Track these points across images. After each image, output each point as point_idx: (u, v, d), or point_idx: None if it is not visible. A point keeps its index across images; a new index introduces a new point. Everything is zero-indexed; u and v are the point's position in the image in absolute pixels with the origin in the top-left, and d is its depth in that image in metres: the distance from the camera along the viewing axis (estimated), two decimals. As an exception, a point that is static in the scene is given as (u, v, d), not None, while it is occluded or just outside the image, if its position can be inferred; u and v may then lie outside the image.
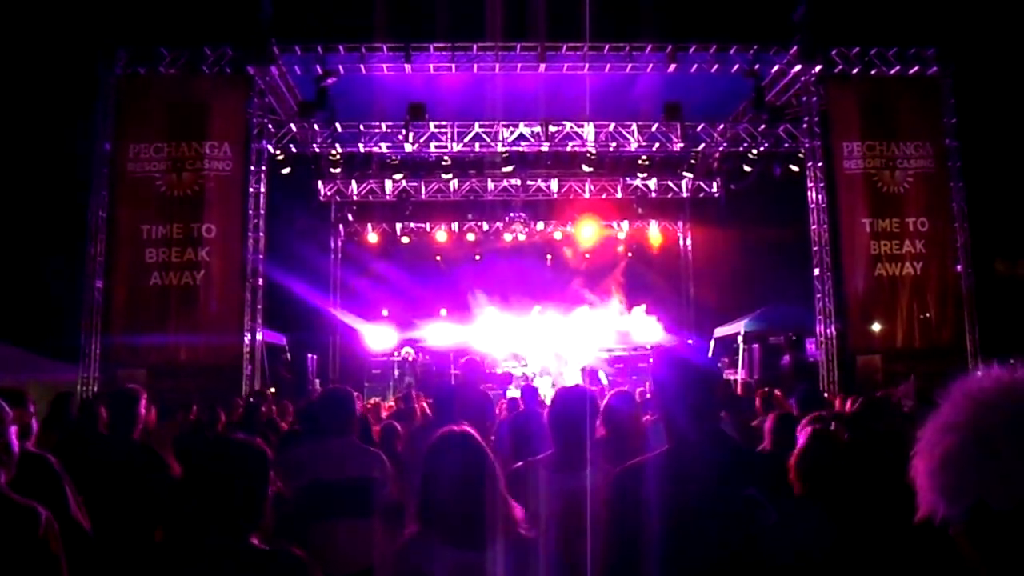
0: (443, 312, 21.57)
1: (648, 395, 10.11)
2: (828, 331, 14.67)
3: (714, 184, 21.04)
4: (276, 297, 16.04)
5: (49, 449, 3.89)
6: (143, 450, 4.74)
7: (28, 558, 2.57)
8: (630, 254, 22.96)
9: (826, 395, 9.42)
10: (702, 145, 17.47)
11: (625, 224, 22.60)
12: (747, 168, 17.13)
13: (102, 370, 13.39)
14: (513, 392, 16.02)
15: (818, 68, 14.90)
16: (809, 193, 15.15)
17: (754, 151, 16.86)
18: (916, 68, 15.10)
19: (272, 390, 13.50)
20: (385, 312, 21.92)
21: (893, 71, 15.11)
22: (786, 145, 16.61)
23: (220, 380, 12.98)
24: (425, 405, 10.59)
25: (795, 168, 16.17)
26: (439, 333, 19.74)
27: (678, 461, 2.55)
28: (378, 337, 19.95)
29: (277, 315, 16.91)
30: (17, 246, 17.45)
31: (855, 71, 15.10)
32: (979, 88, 15.40)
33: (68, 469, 3.67)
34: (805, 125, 15.40)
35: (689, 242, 23.15)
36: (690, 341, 21.30)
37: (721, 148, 17.72)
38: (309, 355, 19.28)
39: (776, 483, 2.79)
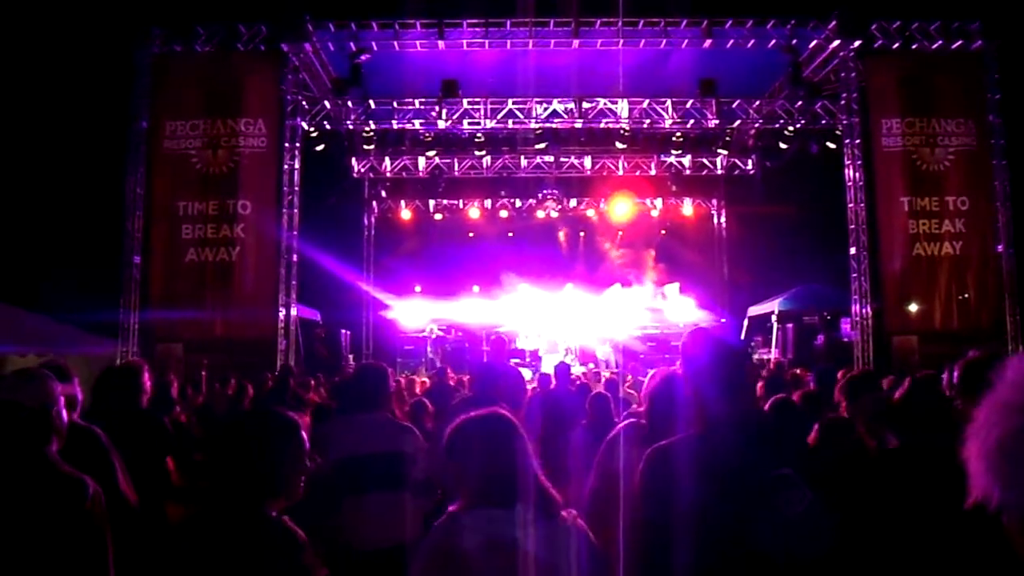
0: (475, 289, 21.65)
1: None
2: (864, 311, 14.49)
3: (749, 161, 20.79)
4: (310, 273, 16.17)
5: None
6: (149, 420, 4.76)
7: (74, 529, 2.59)
8: (664, 232, 22.84)
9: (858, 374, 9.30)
10: (737, 122, 17.24)
11: (659, 202, 22.45)
12: (783, 145, 16.91)
13: (140, 344, 13.62)
14: (548, 366, 16.15)
15: (857, 43, 14.61)
16: (846, 171, 14.92)
17: (790, 128, 16.63)
18: (959, 43, 14.73)
19: (293, 365, 13.64)
20: (418, 289, 22.05)
21: (935, 46, 14.77)
22: (823, 122, 16.35)
23: (255, 355, 13.17)
24: (464, 380, 10.66)
25: (832, 145, 15.93)
26: (471, 310, 19.80)
27: (710, 441, 2.55)
28: (410, 314, 20.08)
29: (311, 291, 17.08)
30: (57, 223, 17.77)
31: (895, 46, 14.77)
32: (1024, 63, 15.01)
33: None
34: (843, 101, 15.13)
35: (723, 220, 22.95)
36: (723, 320, 21.22)
37: (757, 125, 17.48)
38: (343, 331, 19.48)
39: (808, 462, 2.76)
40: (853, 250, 14.68)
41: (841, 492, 2.85)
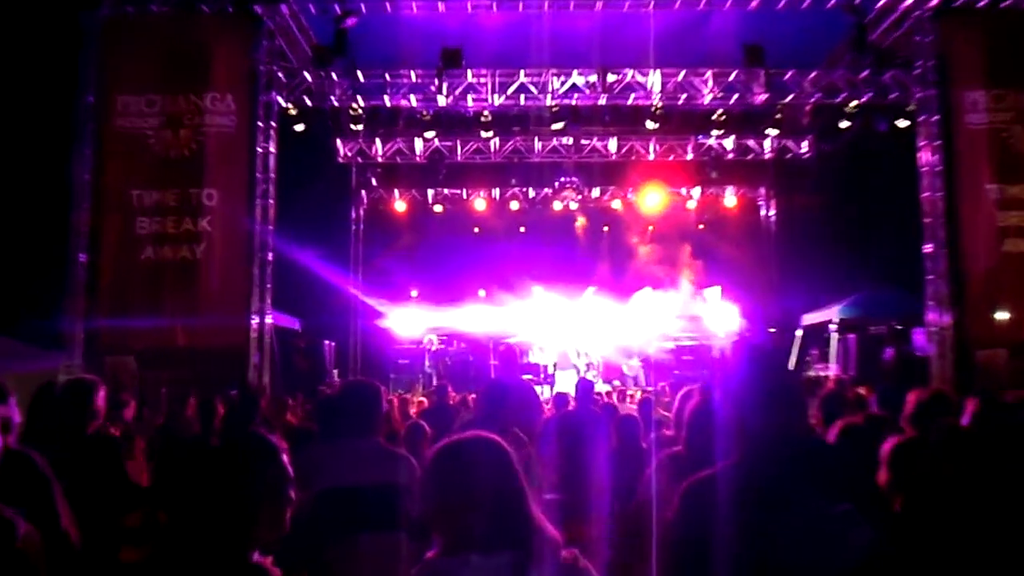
0: (481, 293, 21.69)
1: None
2: (941, 320, 14.41)
3: (804, 143, 20.74)
4: (288, 275, 16.19)
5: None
6: (98, 446, 4.74)
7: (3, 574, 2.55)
8: (702, 226, 22.86)
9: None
10: (790, 96, 17.18)
11: (697, 191, 22.45)
12: (844, 124, 16.86)
13: (87, 357, 13.63)
14: (563, 383, 16.17)
15: (935, 0, 14.57)
16: (921, 154, 14.86)
17: (853, 103, 16.57)
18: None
19: (268, 382, 13.66)
20: (414, 293, 22.12)
21: (1028, 4, 14.72)
22: (893, 95, 16.28)
23: (223, 369, 13.15)
24: (468, 400, 10.69)
25: (904, 123, 15.86)
26: (476, 318, 19.83)
27: (754, 473, 2.54)
28: (406, 322, 20.11)
29: (289, 295, 17.11)
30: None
31: (981, 3, 14.72)
32: None
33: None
34: (918, 71, 15.08)
35: (773, 212, 22.91)
36: (772, 330, 21.19)
37: (813, 99, 17.42)
38: (326, 342, 19.55)
39: (871, 498, 2.75)
40: (929, 247, 14.61)
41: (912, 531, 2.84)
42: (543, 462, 5.14)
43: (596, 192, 22.62)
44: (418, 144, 20.61)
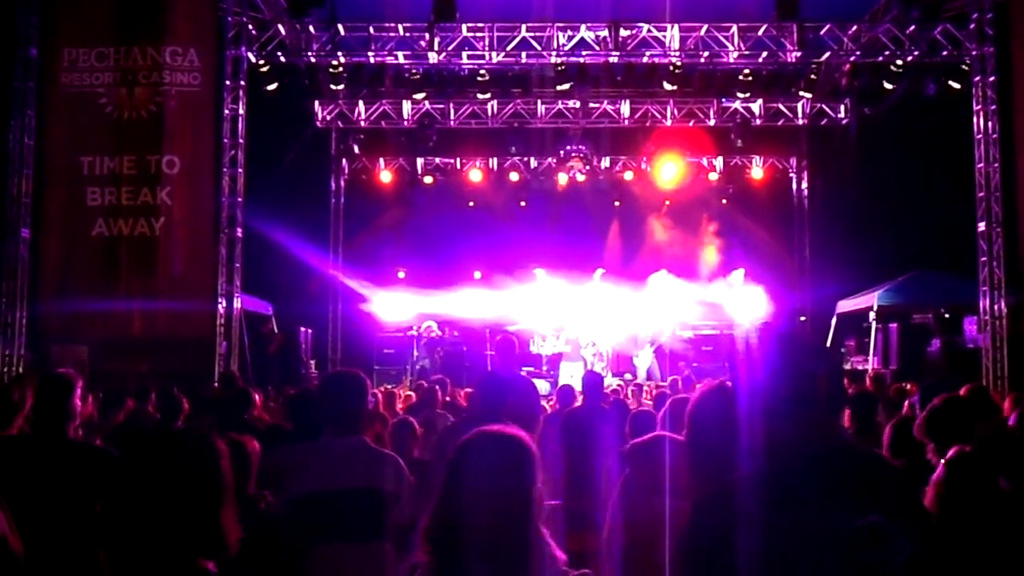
0: (477, 275, 21.67)
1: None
2: (996, 307, 14.44)
3: (842, 108, 20.69)
4: (259, 254, 16.20)
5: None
6: (81, 453, 4.74)
7: None
8: (725, 201, 22.80)
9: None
10: (826, 54, 17.16)
11: (719, 161, 22.42)
12: (888, 86, 16.82)
13: (30, 346, 13.63)
14: (568, 376, 16.19)
15: (991, -54, 14.55)
16: (976, 119, 14.84)
17: (898, 62, 16.53)
18: None
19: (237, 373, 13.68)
20: (401, 274, 22.10)
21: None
22: (944, 53, 16.25)
23: (186, 360, 13.18)
24: (461, 395, 10.72)
25: (956, 85, 15.83)
26: (471, 303, 19.84)
27: (777, 481, 2.51)
28: (392, 307, 20.11)
29: (260, 277, 17.18)
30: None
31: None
32: None
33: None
34: (972, 25, 15.04)
35: (805, 185, 22.93)
36: (803, 318, 21.20)
37: (853, 58, 17.40)
38: (302, 329, 19.52)
39: (910, 506, 2.75)
40: (983, 226, 14.61)
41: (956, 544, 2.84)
42: (545, 464, 5.14)
43: (606, 162, 22.56)
44: (406, 107, 20.54)
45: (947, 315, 18.11)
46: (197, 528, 2.44)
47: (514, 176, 22.43)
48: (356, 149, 22.08)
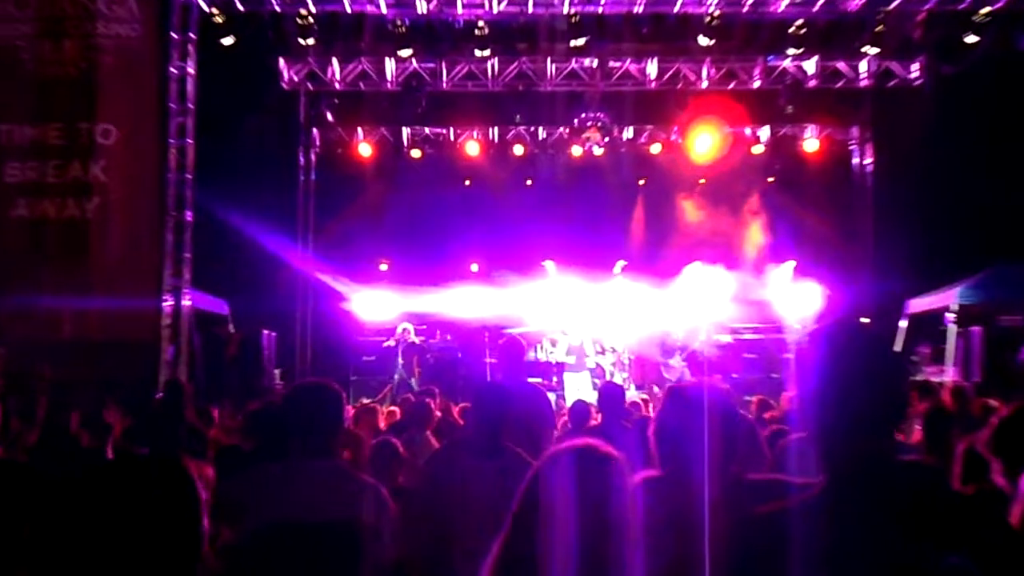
0: (474, 268, 21.67)
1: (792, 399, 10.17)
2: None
3: (914, 67, 20.68)
4: (214, 242, 16.21)
5: None
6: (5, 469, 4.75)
7: None
8: (772, 179, 22.75)
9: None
10: (896, 1, 17.12)
11: (765, 131, 22.42)
12: (970, 39, 16.76)
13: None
14: (575, 390, 16.17)
15: None
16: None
17: (984, 10, 16.50)
18: None
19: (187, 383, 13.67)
20: (384, 267, 22.08)
21: None
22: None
23: (125, 367, 13.14)
24: (454, 410, 10.71)
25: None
26: (467, 302, 19.83)
27: (836, 506, 2.55)
28: (373, 306, 20.10)
29: (215, 270, 17.22)
30: None
31: None
32: None
33: None
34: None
35: (869, 160, 22.92)
36: (866, 320, 21.12)
37: (927, 6, 17.36)
38: (265, 332, 19.45)
39: (992, 540, 2.80)
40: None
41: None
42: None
43: (629, 132, 22.55)
44: (389, 66, 20.59)
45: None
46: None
47: (519, 149, 22.45)
48: (330, 116, 22.00)
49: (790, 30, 17.43)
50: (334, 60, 20.76)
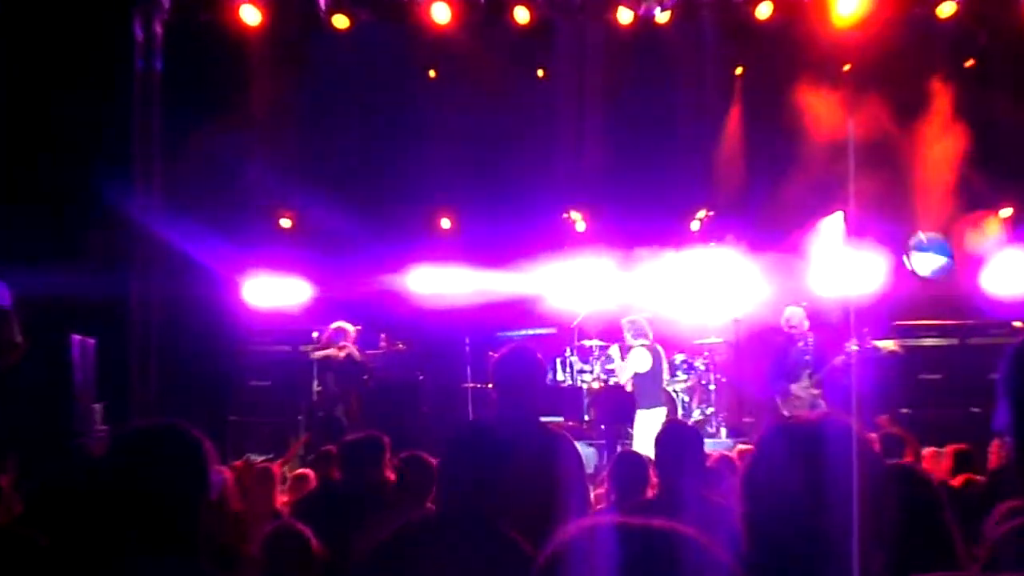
0: (445, 224, 21.68)
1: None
2: None
3: None
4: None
5: None
6: None
7: None
8: (971, 63, 22.67)
9: None
10: None
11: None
12: None
13: None
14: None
15: None
16: None
17: None
18: None
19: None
20: (287, 222, 22.03)
21: None
22: None
23: None
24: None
25: None
26: (433, 281, 19.82)
27: None
28: (269, 292, 20.06)
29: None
30: None
31: None
32: None
33: None
34: None
35: None
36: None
37: None
38: (78, 337, 19.39)
39: None
40: None
41: None
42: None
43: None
44: None
45: None
46: None
47: (522, 14, 22.21)
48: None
49: None
50: None
